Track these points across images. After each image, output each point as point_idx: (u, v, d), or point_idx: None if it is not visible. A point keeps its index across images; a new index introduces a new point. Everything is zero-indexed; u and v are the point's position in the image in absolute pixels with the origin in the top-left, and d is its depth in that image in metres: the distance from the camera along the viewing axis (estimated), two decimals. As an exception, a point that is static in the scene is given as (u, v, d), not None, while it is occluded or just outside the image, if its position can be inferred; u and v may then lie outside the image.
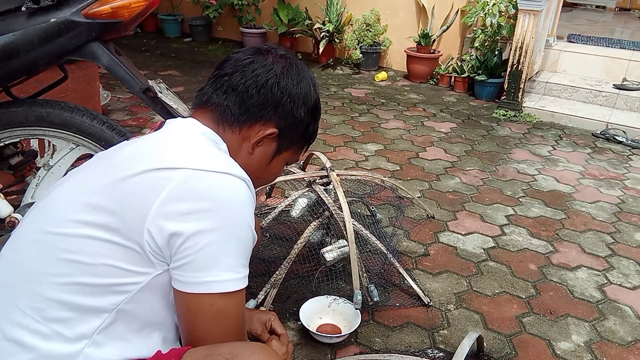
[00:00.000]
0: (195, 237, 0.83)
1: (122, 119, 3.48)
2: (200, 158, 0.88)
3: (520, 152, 3.35)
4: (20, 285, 0.86)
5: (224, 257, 0.85)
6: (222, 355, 0.84)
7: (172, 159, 0.87)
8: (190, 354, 0.86)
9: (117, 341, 0.87)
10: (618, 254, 2.26)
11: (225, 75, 0.98)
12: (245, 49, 1.03)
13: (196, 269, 0.84)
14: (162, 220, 0.82)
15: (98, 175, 0.91)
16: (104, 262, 0.84)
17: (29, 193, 1.65)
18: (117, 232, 0.84)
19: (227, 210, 0.86)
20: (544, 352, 1.68)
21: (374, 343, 1.67)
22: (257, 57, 1.00)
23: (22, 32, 1.39)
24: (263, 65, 0.98)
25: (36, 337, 0.84)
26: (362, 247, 1.88)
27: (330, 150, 3.19)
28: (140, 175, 0.86)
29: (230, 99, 0.97)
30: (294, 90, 1.00)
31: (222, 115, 0.98)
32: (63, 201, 0.91)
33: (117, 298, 0.86)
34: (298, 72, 1.01)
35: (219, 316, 0.87)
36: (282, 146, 1.04)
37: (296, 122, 1.03)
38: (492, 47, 4.30)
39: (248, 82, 0.97)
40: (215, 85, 0.99)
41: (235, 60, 1.00)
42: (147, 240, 0.83)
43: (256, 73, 0.97)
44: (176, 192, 0.84)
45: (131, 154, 0.94)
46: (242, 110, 0.98)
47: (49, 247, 0.86)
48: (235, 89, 0.97)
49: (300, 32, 5.22)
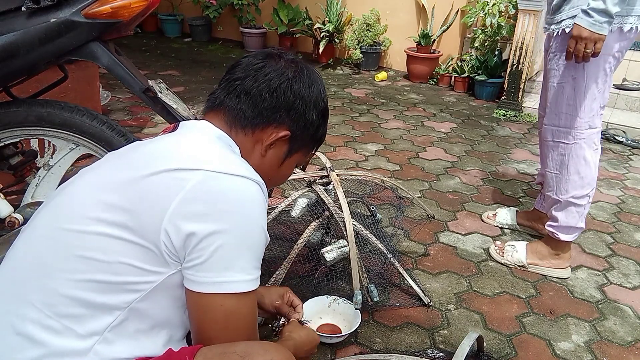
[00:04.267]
0: (210, 237, 0.84)
1: (122, 119, 3.48)
2: (217, 161, 0.90)
3: (520, 152, 3.35)
4: (33, 281, 0.87)
5: (237, 258, 0.87)
6: (236, 354, 0.85)
7: (189, 161, 0.89)
8: (204, 352, 0.86)
9: (127, 339, 0.88)
10: (618, 254, 2.26)
11: (238, 80, 1.00)
12: (256, 53, 1.05)
13: (209, 269, 0.85)
14: (179, 221, 0.84)
15: (114, 173, 0.92)
16: (119, 260, 0.85)
17: (29, 193, 1.65)
18: (133, 231, 0.85)
19: (242, 212, 0.87)
20: (544, 352, 1.68)
21: (374, 343, 1.67)
22: (268, 61, 1.02)
23: (22, 32, 1.39)
24: (275, 69, 1.01)
25: (47, 332, 0.84)
26: (362, 247, 1.88)
27: (330, 150, 3.19)
28: (158, 175, 0.87)
29: (244, 103, 1.00)
30: (305, 94, 1.03)
31: (235, 119, 1.00)
32: (78, 198, 0.91)
33: (130, 296, 0.86)
34: (309, 77, 1.04)
35: (229, 316, 0.88)
36: (293, 148, 1.07)
37: (307, 125, 1.05)
38: (492, 47, 4.30)
39: (261, 86, 0.99)
40: (227, 89, 1.01)
41: (247, 65, 1.02)
42: (163, 240, 0.84)
43: (269, 77, 1.00)
44: (193, 193, 0.85)
45: (148, 153, 0.95)
46: (255, 113, 1.00)
47: (64, 243, 0.87)
48: (248, 93, 0.99)
49: (300, 32, 5.22)
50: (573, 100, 1.83)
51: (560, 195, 1.96)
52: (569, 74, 1.81)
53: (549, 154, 1.96)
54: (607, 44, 1.71)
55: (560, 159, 1.92)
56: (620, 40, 1.75)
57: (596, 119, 1.87)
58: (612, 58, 1.78)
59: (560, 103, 1.86)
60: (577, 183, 1.92)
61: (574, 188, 1.93)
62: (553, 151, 1.94)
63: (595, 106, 1.84)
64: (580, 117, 1.84)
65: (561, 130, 1.89)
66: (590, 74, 1.78)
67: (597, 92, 1.82)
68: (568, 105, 1.84)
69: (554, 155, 1.94)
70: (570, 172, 1.91)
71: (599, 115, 1.88)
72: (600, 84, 1.81)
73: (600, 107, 1.87)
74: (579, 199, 1.94)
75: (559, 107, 1.87)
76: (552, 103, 1.89)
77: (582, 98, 1.82)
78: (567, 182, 1.93)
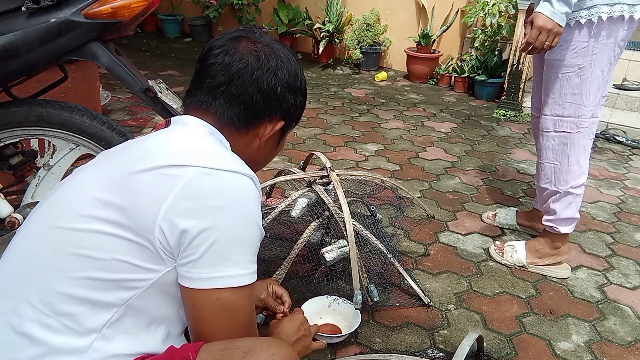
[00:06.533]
0: (205, 233, 0.84)
1: (122, 119, 3.48)
2: (210, 156, 0.90)
3: (520, 152, 3.35)
4: (30, 280, 0.87)
5: (232, 253, 0.87)
6: (239, 349, 0.85)
7: (182, 157, 0.89)
8: (206, 349, 0.86)
9: (125, 335, 0.88)
10: (618, 254, 2.26)
11: (222, 85, 0.98)
12: (224, 44, 1.00)
13: (204, 265, 0.85)
14: (173, 217, 0.84)
15: (108, 171, 0.92)
16: (115, 258, 0.85)
17: (29, 193, 1.65)
18: (128, 228, 0.85)
19: (236, 207, 0.88)
20: (544, 352, 1.68)
21: (374, 343, 1.67)
22: (244, 54, 0.98)
23: (22, 32, 1.39)
24: (258, 66, 0.98)
25: (46, 331, 0.84)
26: (362, 247, 1.88)
27: (330, 150, 3.19)
28: (151, 172, 0.87)
29: (235, 108, 0.99)
30: (291, 81, 1.03)
31: (228, 123, 1.00)
32: (73, 197, 0.91)
33: (127, 293, 0.87)
34: (286, 57, 1.03)
35: (226, 311, 0.88)
36: (285, 130, 1.08)
37: (296, 107, 1.07)
38: (492, 47, 4.30)
39: (250, 90, 0.98)
40: (212, 93, 0.99)
41: (225, 65, 0.98)
42: (158, 237, 0.84)
43: (255, 77, 0.98)
44: (187, 189, 0.85)
45: (141, 150, 0.95)
46: (248, 115, 1.00)
47: (60, 242, 0.87)
48: (238, 97, 0.98)
49: (300, 32, 5.22)
50: (579, 89, 1.83)
51: (559, 186, 1.96)
52: (576, 63, 1.80)
53: (549, 144, 1.96)
54: (617, 32, 1.73)
55: (561, 149, 1.92)
56: (630, 28, 1.76)
57: (598, 109, 1.89)
58: (618, 47, 1.79)
59: (565, 93, 1.86)
60: (577, 172, 1.94)
61: (574, 178, 1.94)
62: (554, 141, 1.94)
63: (599, 95, 1.86)
64: (585, 105, 1.85)
65: (564, 120, 1.89)
66: (597, 62, 1.78)
67: (602, 80, 1.83)
68: (573, 95, 1.84)
69: (555, 146, 1.94)
70: (571, 161, 1.92)
71: (601, 105, 1.90)
72: (606, 72, 1.82)
73: (603, 97, 1.89)
74: (576, 188, 1.95)
75: (563, 97, 1.86)
76: (556, 93, 1.88)
77: (589, 87, 1.82)
78: (568, 172, 1.94)
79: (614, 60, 1.82)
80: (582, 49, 1.77)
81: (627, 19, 1.73)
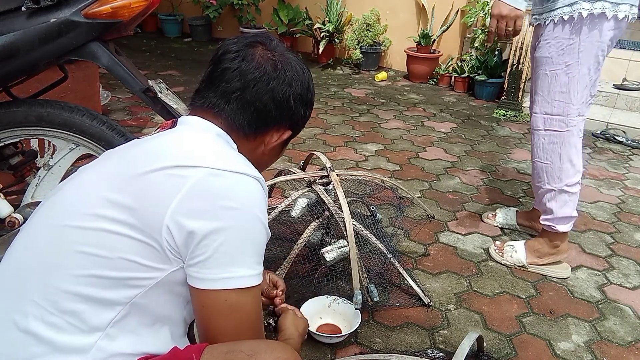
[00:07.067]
0: (213, 234, 0.85)
1: (122, 119, 3.48)
2: (218, 158, 0.91)
3: (520, 152, 3.35)
4: (34, 277, 0.87)
5: (240, 254, 0.88)
6: (242, 352, 0.85)
7: (190, 157, 0.89)
8: (210, 350, 0.87)
9: (129, 334, 0.88)
10: (618, 254, 2.26)
11: (237, 91, 0.98)
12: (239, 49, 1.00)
13: (213, 266, 0.86)
14: (181, 218, 0.84)
15: (115, 170, 0.92)
16: (122, 256, 0.85)
17: (29, 193, 1.65)
18: (136, 228, 0.85)
19: (243, 209, 0.88)
20: (544, 352, 1.68)
21: (374, 343, 1.67)
22: (261, 62, 0.99)
23: (22, 32, 1.39)
24: (275, 75, 0.99)
25: (50, 329, 0.84)
26: (362, 247, 1.88)
27: (330, 150, 3.19)
28: (159, 172, 0.87)
29: (247, 115, 1.00)
30: (302, 92, 1.04)
31: (238, 128, 1.01)
32: (79, 195, 0.91)
33: (132, 292, 0.87)
34: (296, 67, 1.03)
35: (234, 312, 0.88)
36: (290, 138, 1.10)
37: (303, 118, 1.09)
38: (492, 47, 4.30)
39: (265, 98, 0.99)
40: (226, 97, 0.99)
41: (241, 72, 0.98)
42: (165, 237, 0.84)
43: (271, 87, 0.99)
44: (195, 190, 0.85)
45: (149, 150, 0.95)
46: (260, 123, 1.02)
47: (66, 240, 0.87)
48: (251, 104, 0.99)
49: (300, 32, 5.22)
50: (567, 87, 1.85)
51: (553, 184, 1.96)
52: (563, 60, 1.82)
53: (540, 142, 1.97)
54: (602, 31, 1.75)
55: (552, 147, 1.93)
56: (615, 28, 1.77)
57: (585, 107, 1.91)
58: (605, 46, 1.80)
59: (553, 91, 1.88)
60: (570, 171, 1.94)
61: (567, 176, 1.94)
62: (544, 140, 1.95)
63: (586, 94, 1.88)
64: (573, 103, 1.87)
65: (554, 118, 1.91)
66: (583, 61, 1.81)
67: (588, 79, 1.85)
68: (561, 93, 1.86)
69: (545, 144, 1.95)
70: (563, 160, 1.93)
71: (588, 104, 1.92)
72: (593, 71, 1.84)
73: (590, 96, 1.91)
74: (571, 187, 1.96)
75: (551, 94, 1.88)
76: (544, 91, 1.90)
77: (576, 85, 1.84)
78: (561, 170, 1.94)
79: (602, 60, 1.84)
80: (569, 46, 1.79)
81: (611, 17, 1.74)
